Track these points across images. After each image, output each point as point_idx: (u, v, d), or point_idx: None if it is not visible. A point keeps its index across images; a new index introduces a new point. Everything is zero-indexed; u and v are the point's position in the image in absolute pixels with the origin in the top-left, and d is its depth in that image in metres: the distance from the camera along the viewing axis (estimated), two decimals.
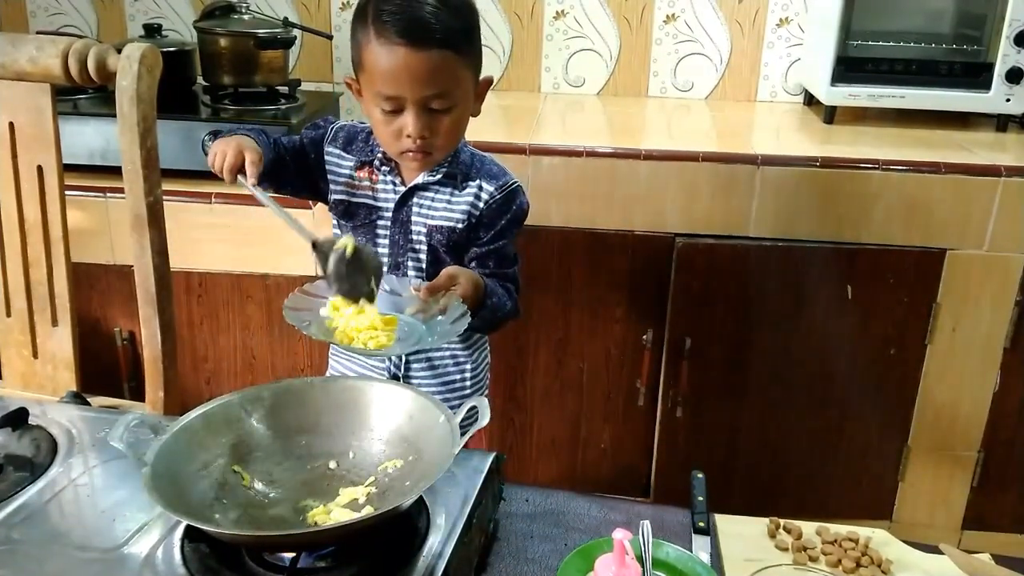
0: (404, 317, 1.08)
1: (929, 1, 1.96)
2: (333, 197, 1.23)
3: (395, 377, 1.26)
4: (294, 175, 1.24)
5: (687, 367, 1.82)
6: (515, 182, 1.24)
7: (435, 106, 1.10)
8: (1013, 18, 1.84)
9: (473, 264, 1.23)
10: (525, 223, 1.27)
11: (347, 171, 1.23)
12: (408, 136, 1.11)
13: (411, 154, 1.14)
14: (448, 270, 1.11)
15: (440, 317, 1.07)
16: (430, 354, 1.27)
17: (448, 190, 1.21)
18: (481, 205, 1.21)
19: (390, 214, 1.21)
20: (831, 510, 1.88)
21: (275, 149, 1.20)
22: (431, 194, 1.22)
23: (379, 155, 1.21)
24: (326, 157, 1.23)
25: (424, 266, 1.22)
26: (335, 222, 1.29)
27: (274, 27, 1.92)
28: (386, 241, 1.22)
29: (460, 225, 1.21)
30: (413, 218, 1.22)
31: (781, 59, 2.22)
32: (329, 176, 1.23)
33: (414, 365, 1.27)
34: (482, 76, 1.18)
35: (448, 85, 1.10)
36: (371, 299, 1.04)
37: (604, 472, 1.94)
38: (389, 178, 1.21)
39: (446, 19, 1.08)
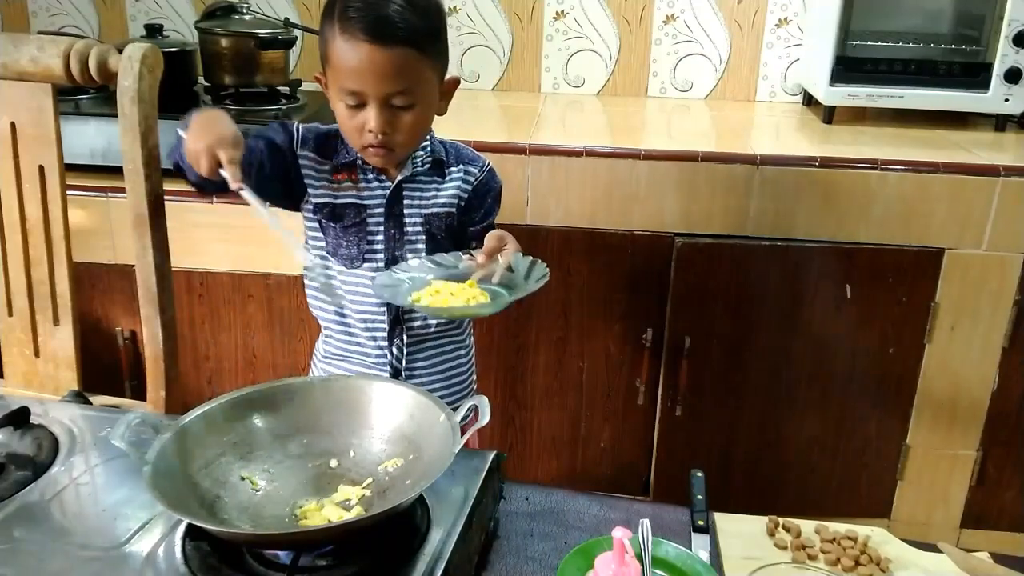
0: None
1: (928, 1, 1.96)
2: (315, 201, 1.21)
3: (396, 372, 1.26)
4: (271, 178, 1.18)
5: (686, 366, 1.83)
6: (489, 162, 1.30)
7: (397, 103, 1.12)
8: (1012, 18, 1.85)
9: (474, 244, 1.27)
10: (526, 222, 1.28)
11: (325, 174, 1.22)
12: (370, 131, 1.12)
13: (372, 149, 1.15)
14: (494, 233, 1.15)
15: (509, 273, 1.12)
16: (432, 343, 1.28)
17: (434, 178, 1.24)
18: (469, 188, 1.26)
19: (380, 210, 1.22)
20: (830, 508, 1.89)
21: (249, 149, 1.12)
22: (420, 184, 1.23)
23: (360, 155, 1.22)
24: (300, 161, 1.21)
25: (423, 256, 1.23)
26: (315, 225, 1.25)
27: (275, 27, 1.93)
28: (380, 237, 1.22)
29: (453, 210, 1.25)
30: (406, 210, 1.23)
31: (780, 59, 2.22)
32: (307, 180, 1.21)
33: (418, 356, 1.27)
34: (450, 75, 1.20)
35: (410, 83, 1.11)
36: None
37: (604, 471, 1.94)
38: (372, 175, 1.22)
39: (411, 18, 1.09)
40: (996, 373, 1.81)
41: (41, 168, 1.30)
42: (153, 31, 1.99)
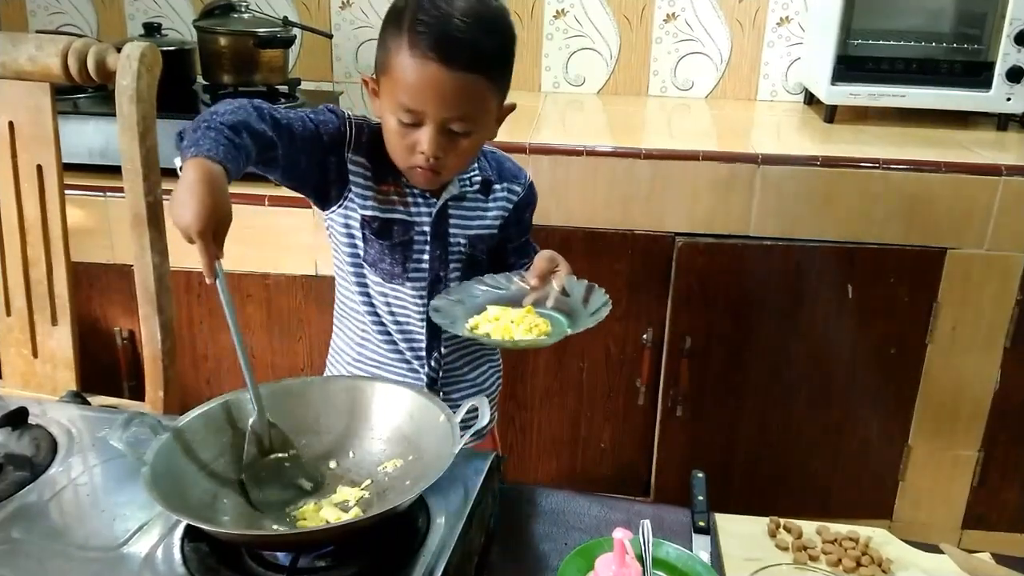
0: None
1: (930, 0, 1.95)
2: (362, 213, 1.13)
3: (432, 382, 1.23)
4: (307, 171, 1.10)
5: (687, 366, 1.82)
6: (529, 176, 1.26)
7: (455, 128, 1.05)
8: (1014, 17, 1.84)
9: (513, 259, 1.25)
10: None
11: (373, 184, 1.13)
12: (421, 153, 1.06)
13: (420, 170, 1.08)
14: (545, 254, 1.12)
15: (564, 297, 1.10)
16: (467, 354, 1.25)
17: (479, 197, 1.20)
18: (512, 208, 1.22)
19: (426, 229, 1.15)
20: (831, 509, 1.89)
21: (274, 128, 1.02)
22: (467, 203, 1.18)
23: None
24: (350, 167, 1.12)
25: (461, 274, 1.20)
26: (356, 235, 1.16)
27: (274, 26, 1.92)
28: (425, 257, 1.16)
29: (496, 230, 1.21)
30: (451, 230, 1.18)
31: (781, 58, 2.22)
32: (355, 189, 1.12)
33: (454, 367, 1.25)
34: (506, 102, 1.13)
35: (473, 110, 1.05)
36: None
37: (604, 471, 1.94)
38: (417, 191, 1.15)
39: (485, 42, 1.03)
40: (998, 373, 1.81)
41: (39, 167, 1.30)
42: (151, 30, 1.98)
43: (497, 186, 1.21)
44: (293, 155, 1.06)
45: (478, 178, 1.19)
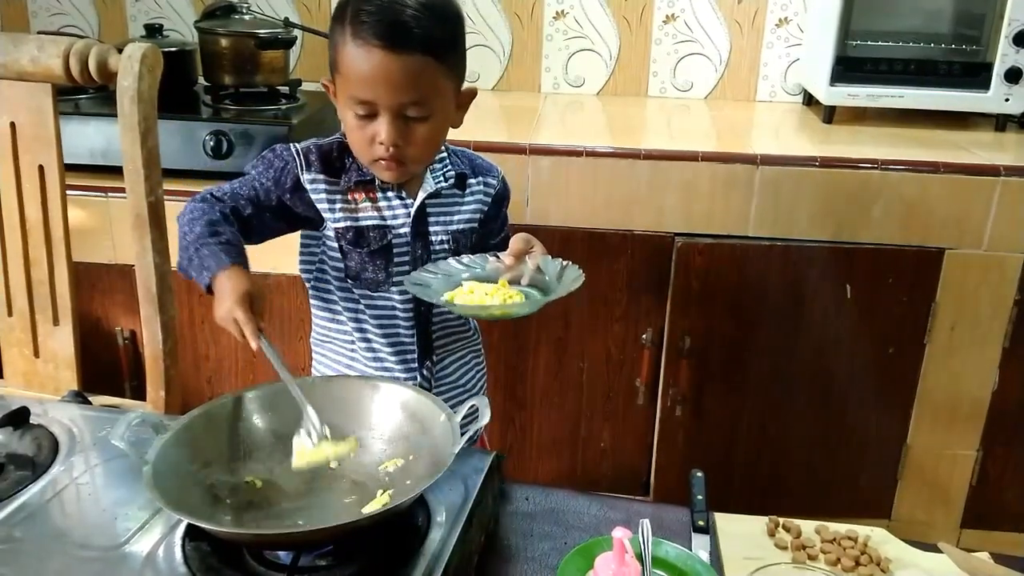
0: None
1: (928, 1, 1.96)
2: (334, 226, 1.14)
3: (427, 381, 1.23)
4: (271, 224, 1.15)
5: (686, 366, 1.82)
6: (501, 170, 1.26)
7: (411, 114, 1.05)
8: (1012, 18, 1.85)
9: (496, 255, 1.24)
10: (526, 222, 1.27)
11: (340, 195, 1.14)
12: (380, 143, 1.06)
13: (383, 162, 1.08)
14: (521, 235, 1.12)
15: (539, 275, 1.10)
16: (456, 360, 1.26)
17: (456, 191, 1.20)
18: (490, 201, 1.22)
19: (405, 231, 1.15)
20: (830, 508, 1.88)
21: (239, 207, 1.10)
22: (444, 199, 1.18)
23: None
24: (309, 188, 1.12)
25: (450, 257, 1.19)
26: (334, 246, 1.16)
27: (275, 27, 1.93)
28: (406, 259, 1.16)
29: (476, 224, 1.21)
30: (431, 228, 1.17)
31: (780, 59, 2.22)
32: (320, 207, 1.13)
33: (445, 372, 1.25)
34: (467, 86, 1.13)
35: (426, 93, 1.05)
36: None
37: (604, 471, 1.94)
38: (393, 193, 1.15)
39: (428, 24, 1.03)
40: (996, 373, 1.81)
41: (41, 168, 1.30)
42: (153, 31, 1.99)
43: (472, 179, 1.21)
44: (257, 218, 1.12)
45: (451, 173, 1.19)
